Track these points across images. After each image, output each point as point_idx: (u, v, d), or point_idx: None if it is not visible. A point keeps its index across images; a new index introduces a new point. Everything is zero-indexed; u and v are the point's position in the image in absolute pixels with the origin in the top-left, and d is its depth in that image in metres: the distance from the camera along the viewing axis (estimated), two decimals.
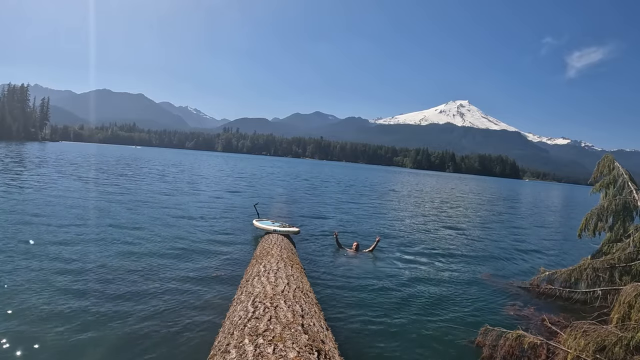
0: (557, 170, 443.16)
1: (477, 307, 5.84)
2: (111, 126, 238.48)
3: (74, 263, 6.07)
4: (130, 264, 6.30)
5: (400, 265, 7.80)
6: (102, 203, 12.04)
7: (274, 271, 4.81)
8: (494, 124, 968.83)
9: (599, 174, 7.33)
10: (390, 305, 5.59)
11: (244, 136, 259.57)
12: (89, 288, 5.15)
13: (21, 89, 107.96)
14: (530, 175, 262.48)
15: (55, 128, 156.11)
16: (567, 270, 6.50)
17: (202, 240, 8.40)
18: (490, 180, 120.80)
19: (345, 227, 11.68)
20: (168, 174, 26.79)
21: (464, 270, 7.96)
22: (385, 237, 10.66)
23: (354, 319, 4.96)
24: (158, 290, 5.30)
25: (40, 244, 6.90)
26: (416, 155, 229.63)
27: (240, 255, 7.41)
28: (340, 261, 7.71)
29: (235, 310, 3.75)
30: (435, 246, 10.11)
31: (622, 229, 6.52)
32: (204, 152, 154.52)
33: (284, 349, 2.61)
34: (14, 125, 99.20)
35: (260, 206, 10.56)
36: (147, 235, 8.35)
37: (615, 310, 4.19)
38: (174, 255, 7.05)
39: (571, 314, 5.56)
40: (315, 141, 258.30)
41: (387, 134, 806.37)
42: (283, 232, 8.26)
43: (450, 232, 12.64)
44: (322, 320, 3.74)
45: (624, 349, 3.57)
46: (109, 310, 4.54)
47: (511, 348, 4.05)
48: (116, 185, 17.32)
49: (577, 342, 3.77)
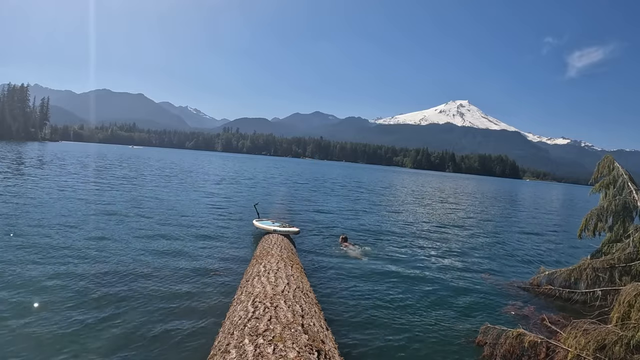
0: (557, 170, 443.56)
1: (478, 306, 5.85)
2: (111, 126, 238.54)
3: (73, 262, 6.07)
4: (130, 263, 6.29)
5: (400, 265, 7.80)
6: (102, 203, 12.03)
7: (274, 271, 4.81)
8: (494, 123, 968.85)
9: (599, 174, 7.33)
10: (391, 304, 5.59)
11: (244, 136, 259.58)
12: (89, 288, 5.15)
13: (21, 89, 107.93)
14: (530, 175, 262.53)
15: (55, 128, 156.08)
16: (567, 270, 6.50)
17: (202, 240, 8.40)
18: (490, 180, 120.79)
19: (345, 226, 11.67)
20: (167, 174, 26.77)
21: (465, 269, 7.96)
22: (385, 236, 10.67)
23: (354, 319, 4.96)
24: (158, 290, 5.30)
25: (40, 243, 6.91)
26: (416, 155, 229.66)
27: (240, 255, 7.41)
28: (341, 261, 7.70)
29: (235, 310, 3.76)
30: (435, 246, 10.12)
31: (622, 229, 6.52)
32: (204, 152, 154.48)
33: (284, 349, 2.61)
34: (14, 125, 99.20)
35: (260, 206, 10.56)
36: (146, 235, 8.34)
37: (615, 310, 4.19)
38: (174, 255, 7.05)
39: (571, 313, 5.57)
40: (315, 141, 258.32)
41: (387, 134, 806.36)
42: (283, 232, 8.26)
43: (450, 232, 12.63)
44: (322, 320, 3.74)
45: (624, 348, 3.57)
46: (108, 310, 4.54)
47: (511, 346, 4.06)
48: (114, 185, 17.32)
49: (578, 341, 3.77)
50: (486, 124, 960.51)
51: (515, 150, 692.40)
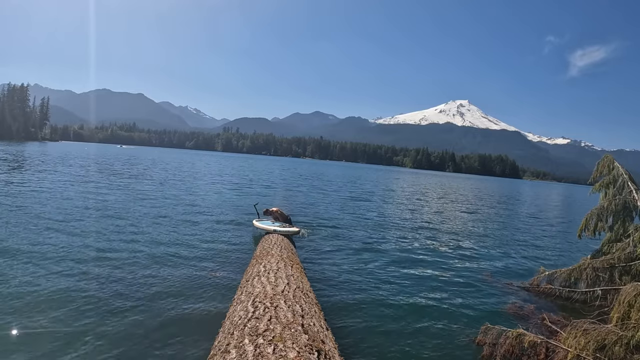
0: (557, 170, 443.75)
1: (478, 306, 5.85)
2: (111, 126, 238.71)
3: (72, 262, 6.07)
4: (129, 263, 6.29)
5: (400, 265, 7.80)
6: (100, 202, 12.03)
7: (274, 271, 4.81)
8: (493, 123, 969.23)
9: (598, 174, 7.32)
10: (391, 304, 5.59)
11: (244, 136, 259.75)
12: (88, 287, 5.14)
13: (21, 89, 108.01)
14: (530, 175, 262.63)
15: (55, 128, 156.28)
16: (567, 270, 6.50)
17: (201, 240, 8.40)
18: (490, 180, 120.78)
19: (344, 225, 11.67)
20: (166, 174, 26.77)
21: (464, 269, 7.96)
22: (385, 236, 10.67)
23: (354, 319, 4.96)
24: (157, 290, 5.30)
25: (39, 244, 6.91)
26: (416, 155, 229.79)
27: (240, 255, 7.41)
28: (341, 261, 7.71)
29: (235, 310, 3.76)
30: (435, 246, 10.12)
31: (622, 229, 6.52)
32: (204, 152, 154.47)
33: (284, 349, 2.61)
34: (14, 125, 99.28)
35: (260, 206, 10.56)
36: (145, 235, 8.34)
37: (615, 310, 4.19)
38: (173, 255, 7.05)
39: (571, 313, 5.57)
40: (315, 141, 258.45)
41: (387, 134, 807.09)
42: (283, 232, 8.27)
43: (450, 232, 12.63)
44: (322, 320, 3.74)
45: (624, 348, 3.57)
46: (107, 310, 4.54)
47: (511, 346, 4.06)
48: (112, 184, 17.31)
49: (577, 341, 3.77)
50: (486, 123, 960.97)
51: (515, 150, 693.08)
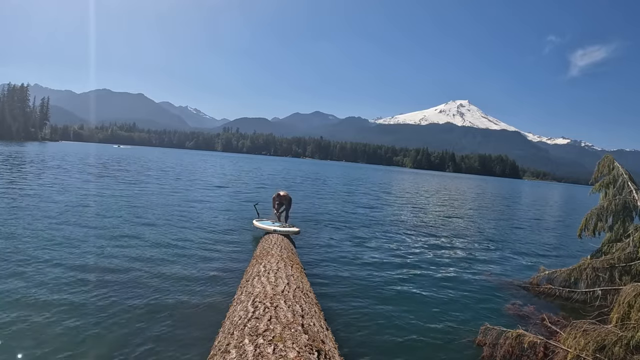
0: (557, 170, 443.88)
1: (477, 306, 5.85)
2: (111, 126, 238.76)
3: (71, 261, 6.07)
4: (129, 263, 6.29)
5: (400, 265, 7.80)
6: (100, 202, 12.04)
7: (274, 271, 4.81)
8: (493, 123, 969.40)
9: (599, 174, 7.32)
10: (391, 304, 5.59)
11: (244, 136, 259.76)
12: (87, 287, 5.14)
13: (21, 89, 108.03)
14: (530, 175, 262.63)
15: (55, 128, 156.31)
16: (567, 269, 6.50)
17: (201, 240, 8.40)
18: (490, 180, 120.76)
19: (344, 225, 11.67)
20: (165, 175, 26.78)
21: (464, 269, 7.96)
22: (385, 236, 10.67)
23: (354, 319, 4.96)
24: (157, 290, 5.30)
25: (39, 243, 6.91)
26: (416, 155, 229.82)
27: (240, 255, 7.41)
28: (341, 261, 7.71)
29: (235, 310, 3.76)
30: (435, 245, 10.11)
31: (622, 229, 6.52)
32: (204, 152, 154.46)
33: (284, 349, 2.62)
34: (14, 125, 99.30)
35: (260, 206, 10.56)
36: (145, 235, 8.34)
37: (615, 310, 4.19)
38: (173, 255, 7.05)
39: (571, 313, 5.57)
40: (315, 141, 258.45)
41: (387, 134, 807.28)
42: (283, 232, 8.27)
43: (450, 232, 12.63)
44: (322, 320, 3.74)
45: (623, 349, 3.57)
46: (107, 310, 4.54)
47: (511, 347, 4.06)
48: (112, 184, 17.32)
49: (577, 341, 3.77)
50: (486, 123, 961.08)
51: (515, 150, 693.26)
